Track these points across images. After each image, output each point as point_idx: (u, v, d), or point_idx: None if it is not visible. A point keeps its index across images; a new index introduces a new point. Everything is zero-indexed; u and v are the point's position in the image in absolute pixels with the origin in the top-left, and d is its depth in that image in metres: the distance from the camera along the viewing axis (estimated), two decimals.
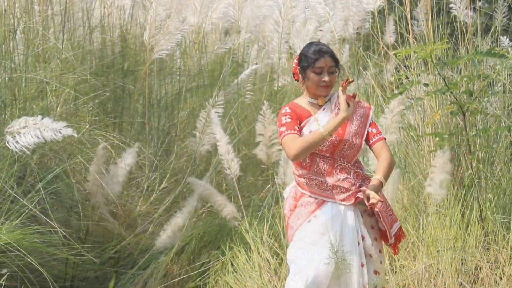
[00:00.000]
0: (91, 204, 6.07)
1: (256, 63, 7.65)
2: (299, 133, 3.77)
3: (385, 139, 3.93)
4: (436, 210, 5.50)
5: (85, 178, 6.13)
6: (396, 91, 5.73)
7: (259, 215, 6.11)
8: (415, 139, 6.02)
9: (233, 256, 5.87)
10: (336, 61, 3.83)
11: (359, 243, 3.82)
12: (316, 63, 3.79)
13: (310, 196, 3.85)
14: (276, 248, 5.84)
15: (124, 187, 6.26)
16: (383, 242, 3.95)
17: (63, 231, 5.41)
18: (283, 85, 7.85)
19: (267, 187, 6.72)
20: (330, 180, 3.83)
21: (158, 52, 6.57)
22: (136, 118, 6.94)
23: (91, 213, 6.08)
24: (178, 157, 6.84)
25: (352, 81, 3.74)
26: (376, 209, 3.78)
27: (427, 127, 5.86)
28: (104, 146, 5.98)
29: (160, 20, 6.71)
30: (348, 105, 3.65)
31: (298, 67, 3.86)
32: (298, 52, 4.02)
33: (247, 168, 6.99)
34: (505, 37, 6.18)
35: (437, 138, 5.58)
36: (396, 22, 6.48)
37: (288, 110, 3.84)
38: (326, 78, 3.79)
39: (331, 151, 3.83)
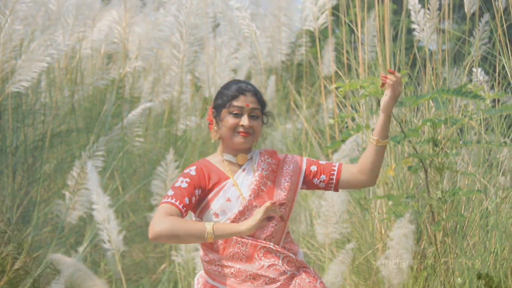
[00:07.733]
0: None
1: (150, 100, 7.41)
2: (183, 210, 3.44)
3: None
4: None
5: None
6: (338, 138, 5.85)
7: None
8: (362, 203, 5.71)
9: None
10: (262, 103, 3.62)
11: None
12: (233, 101, 3.54)
13: None
14: None
15: None
16: None
17: None
18: (186, 128, 7.60)
19: (162, 267, 6.47)
20: (251, 268, 3.52)
21: (15, 84, 6.13)
22: None
23: None
24: (40, 226, 6.36)
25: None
26: None
27: (378, 187, 5.60)
28: None
29: (19, 40, 6.27)
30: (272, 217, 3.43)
31: (213, 110, 3.62)
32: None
33: (135, 241, 6.67)
34: (479, 69, 5.74)
35: (390, 203, 5.24)
36: (341, 46, 6.23)
37: (193, 172, 3.52)
38: (245, 122, 3.52)
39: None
